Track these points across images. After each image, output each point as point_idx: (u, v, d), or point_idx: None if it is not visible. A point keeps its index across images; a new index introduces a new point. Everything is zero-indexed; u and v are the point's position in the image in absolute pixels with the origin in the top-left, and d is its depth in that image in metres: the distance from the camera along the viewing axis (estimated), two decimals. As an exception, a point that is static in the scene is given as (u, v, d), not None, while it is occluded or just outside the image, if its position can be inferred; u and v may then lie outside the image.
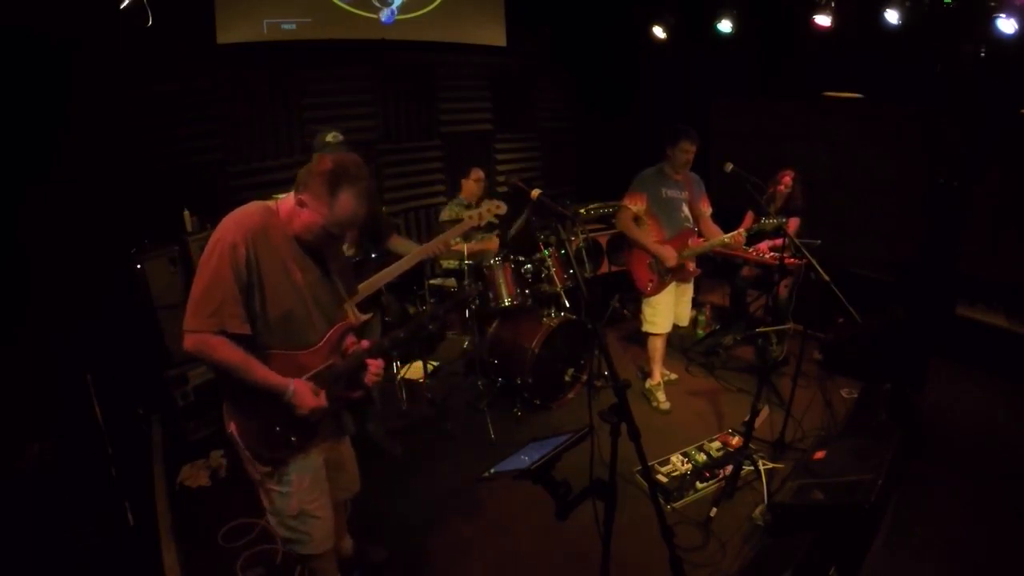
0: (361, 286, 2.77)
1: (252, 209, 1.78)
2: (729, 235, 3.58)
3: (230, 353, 1.68)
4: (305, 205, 1.73)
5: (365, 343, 1.97)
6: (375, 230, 2.98)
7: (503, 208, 2.93)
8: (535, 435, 1.86)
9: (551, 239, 4.08)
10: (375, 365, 1.94)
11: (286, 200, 1.80)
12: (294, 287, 1.79)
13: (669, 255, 3.57)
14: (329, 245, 1.90)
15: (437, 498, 3.04)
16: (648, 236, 3.63)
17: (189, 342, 1.68)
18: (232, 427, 1.85)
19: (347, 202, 1.72)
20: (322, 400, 1.82)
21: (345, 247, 2.78)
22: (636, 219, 3.67)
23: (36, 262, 3.16)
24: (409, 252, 2.85)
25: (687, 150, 3.54)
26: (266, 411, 1.80)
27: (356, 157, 1.79)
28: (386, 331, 3.18)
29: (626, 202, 3.66)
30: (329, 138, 2.77)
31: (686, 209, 3.69)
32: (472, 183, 4.44)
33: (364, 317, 2.85)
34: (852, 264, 4.82)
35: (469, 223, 2.91)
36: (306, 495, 1.94)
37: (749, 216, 4.54)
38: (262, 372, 1.73)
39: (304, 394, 1.78)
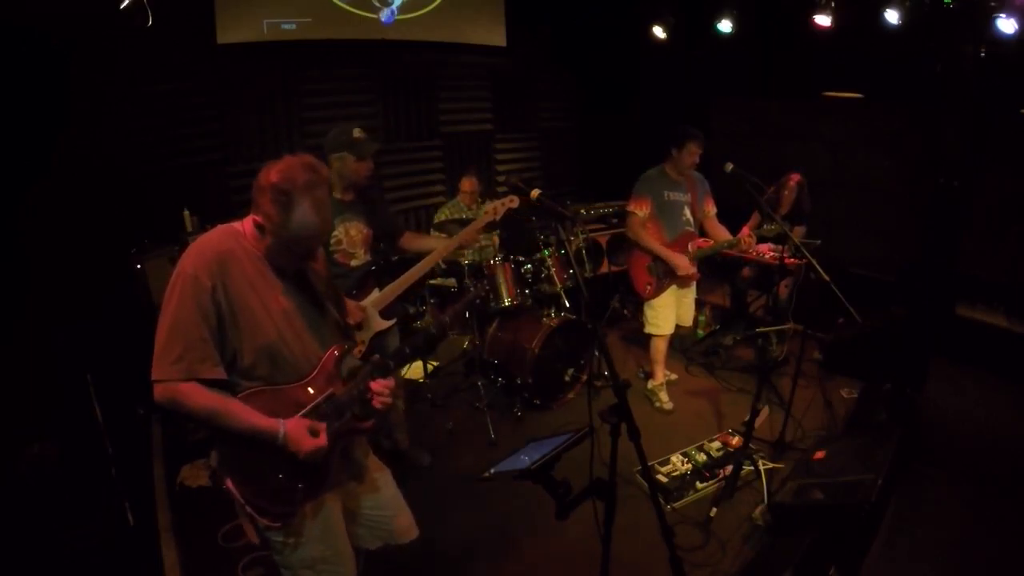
0: (388, 288, 2.74)
1: (215, 235, 1.58)
2: (734, 240, 3.58)
3: (206, 400, 1.48)
4: (263, 228, 1.54)
5: (375, 357, 1.75)
6: (388, 231, 2.90)
7: (516, 202, 2.90)
8: (535, 435, 1.85)
9: (551, 239, 4.08)
10: (381, 386, 1.68)
11: (248, 220, 1.59)
12: (274, 314, 1.59)
13: (683, 263, 3.54)
14: (306, 265, 1.70)
15: (436, 497, 3.04)
16: (659, 243, 3.59)
17: (157, 393, 1.47)
18: (229, 483, 1.61)
19: (303, 217, 1.50)
20: (321, 440, 1.57)
21: (361, 252, 2.71)
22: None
23: (36, 262, 3.16)
24: (429, 247, 2.83)
25: (694, 152, 3.49)
26: (265, 459, 1.57)
27: (307, 158, 1.56)
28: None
29: (632, 208, 3.59)
30: (356, 134, 2.57)
31: (688, 212, 3.65)
32: (464, 194, 4.44)
33: (388, 323, 2.80)
34: (852, 264, 4.82)
35: (487, 217, 2.88)
36: (320, 543, 1.73)
37: (756, 216, 4.53)
38: (246, 416, 1.51)
39: (298, 434, 1.54)
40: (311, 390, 1.65)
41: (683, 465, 3.17)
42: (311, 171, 1.52)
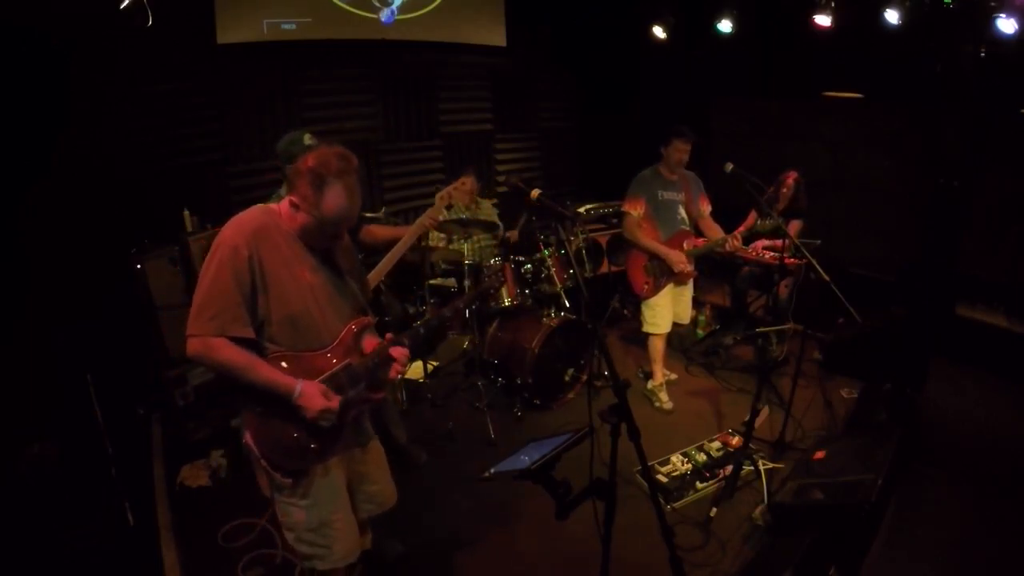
0: None
1: (253, 212, 1.76)
2: (725, 237, 3.59)
3: (232, 354, 1.64)
4: (298, 207, 1.70)
5: (389, 335, 1.89)
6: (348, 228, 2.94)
7: (467, 183, 2.96)
8: (535, 435, 1.85)
9: (551, 239, 4.08)
10: (400, 353, 1.87)
11: (284, 201, 1.76)
12: (302, 287, 1.74)
13: (678, 259, 3.57)
14: (333, 245, 1.85)
15: (437, 498, 3.05)
16: (654, 240, 3.63)
17: (191, 346, 1.64)
18: (248, 437, 1.75)
19: (334, 199, 1.67)
20: (333, 403, 1.72)
21: None
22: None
23: (36, 262, 3.16)
24: (393, 237, 2.87)
25: (679, 148, 3.54)
26: (283, 417, 1.72)
27: (340, 149, 1.72)
28: (386, 332, 3.17)
29: (627, 208, 3.65)
30: (307, 140, 2.60)
31: (682, 211, 3.69)
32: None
33: None
34: (852, 264, 4.82)
35: (442, 203, 2.97)
36: (326, 507, 1.86)
37: (752, 215, 4.54)
38: (268, 372, 1.67)
39: (312, 395, 1.69)
40: (330, 359, 1.80)
41: (683, 465, 3.17)
42: (344, 160, 1.69)
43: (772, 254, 4.23)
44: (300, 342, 1.75)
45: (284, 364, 1.72)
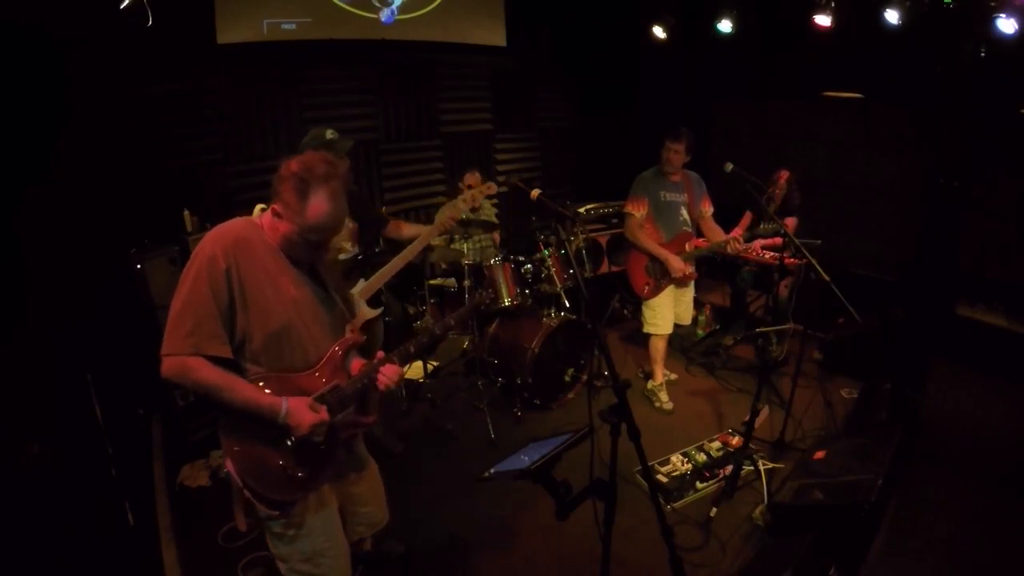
0: (374, 277, 2.84)
1: (235, 223, 1.67)
2: (727, 239, 3.59)
3: (210, 373, 1.52)
4: (281, 215, 1.61)
5: (380, 354, 1.82)
6: (370, 222, 2.99)
7: (494, 188, 3.02)
8: (535, 435, 1.85)
9: (551, 239, 4.08)
10: (392, 371, 1.79)
11: (267, 213, 1.68)
12: (285, 302, 1.65)
13: (677, 264, 3.57)
14: (317, 258, 1.77)
15: (437, 498, 3.05)
16: (656, 243, 3.62)
17: (165, 367, 1.53)
18: (229, 465, 1.62)
19: (319, 205, 1.57)
20: (323, 415, 1.63)
21: (348, 245, 2.80)
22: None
23: (36, 262, 3.15)
24: (414, 234, 2.92)
25: (669, 148, 3.53)
26: (267, 443, 1.61)
27: (325, 155, 1.66)
28: (386, 331, 3.19)
29: (629, 208, 3.65)
30: (329, 135, 2.66)
31: (684, 212, 3.68)
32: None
33: (375, 312, 2.90)
34: (852, 264, 4.82)
35: (464, 205, 3.01)
36: (318, 537, 1.78)
37: (747, 216, 4.54)
38: (250, 392, 1.57)
39: (300, 411, 1.59)
40: (317, 380, 1.71)
41: (683, 465, 3.17)
42: (329, 165, 1.62)
43: (772, 254, 4.23)
44: (284, 361, 1.66)
45: (268, 387, 1.61)
